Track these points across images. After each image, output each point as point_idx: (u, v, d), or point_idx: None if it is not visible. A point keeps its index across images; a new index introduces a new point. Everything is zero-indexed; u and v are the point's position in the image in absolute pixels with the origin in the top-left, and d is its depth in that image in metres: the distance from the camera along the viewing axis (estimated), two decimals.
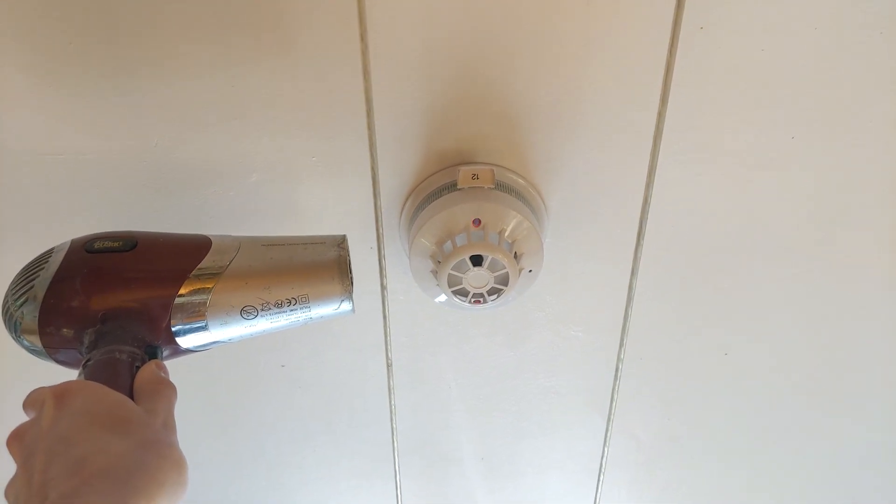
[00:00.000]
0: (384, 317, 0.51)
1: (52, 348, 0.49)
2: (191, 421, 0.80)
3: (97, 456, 0.36)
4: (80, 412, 0.38)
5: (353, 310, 0.53)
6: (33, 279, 0.48)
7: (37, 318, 0.47)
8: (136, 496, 0.35)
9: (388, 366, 0.53)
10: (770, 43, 0.57)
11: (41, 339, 0.48)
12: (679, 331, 0.75)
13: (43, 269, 0.49)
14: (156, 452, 0.38)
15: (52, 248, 0.51)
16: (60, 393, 0.39)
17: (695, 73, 0.59)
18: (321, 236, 0.54)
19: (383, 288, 0.49)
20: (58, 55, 0.58)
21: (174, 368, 0.48)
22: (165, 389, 0.44)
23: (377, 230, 0.46)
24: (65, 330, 0.48)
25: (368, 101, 0.42)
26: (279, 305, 0.51)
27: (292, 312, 0.52)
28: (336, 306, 0.53)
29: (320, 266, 0.52)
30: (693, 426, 0.84)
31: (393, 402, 0.53)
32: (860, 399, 0.81)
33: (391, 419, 0.55)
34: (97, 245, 0.50)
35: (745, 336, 0.76)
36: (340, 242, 0.53)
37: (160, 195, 0.65)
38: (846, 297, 0.72)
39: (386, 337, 0.52)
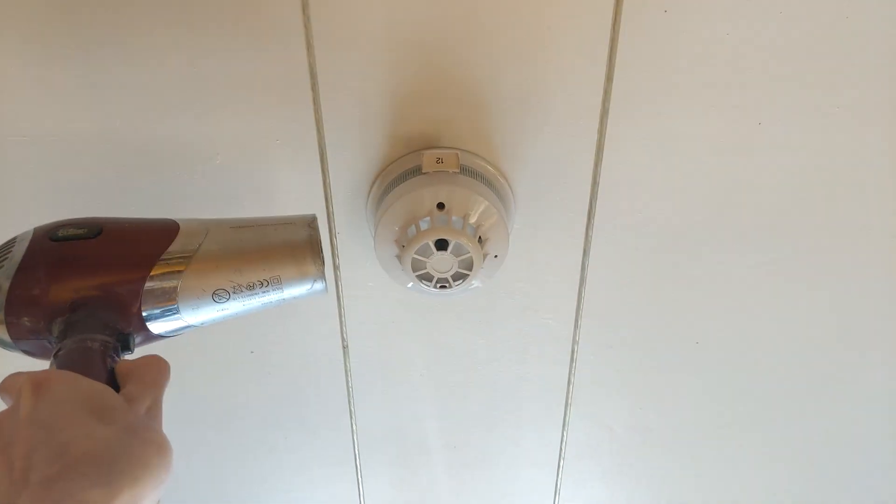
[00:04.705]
0: (338, 297, 0.51)
1: (18, 339, 0.48)
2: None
3: (81, 441, 0.35)
4: (60, 400, 0.37)
5: (325, 289, 0.53)
6: None
7: (2, 310, 0.47)
8: (120, 480, 0.34)
9: (345, 347, 0.53)
10: (735, 26, 0.57)
11: (7, 330, 0.47)
12: (649, 320, 0.75)
13: (7, 259, 0.48)
14: (140, 437, 0.37)
15: (14, 238, 0.50)
16: (38, 382, 0.38)
17: (659, 55, 0.58)
18: (290, 216, 0.54)
19: (336, 268, 0.49)
20: (17, 35, 0.57)
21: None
22: (151, 372, 0.43)
23: (327, 208, 0.46)
24: (32, 320, 0.47)
25: (313, 76, 0.41)
26: (251, 287, 0.51)
27: (265, 294, 0.51)
28: (309, 286, 0.52)
29: (292, 246, 0.52)
30: (665, 416, 0.84)
31: (350, 385, 0.53)
32: (834, 387, 0.81)
33: (349, 402, 0.55)
34: (61, 233, 0.49)
35: (716, 325, 0.76)
36: (310, 222, 0.53)
37: (123, 178, 0.64)
38: (817, 284, 0.72)
39: (340, 318, 0.52)
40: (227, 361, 0.77)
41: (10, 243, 0.49)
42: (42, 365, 0.47)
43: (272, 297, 0.52)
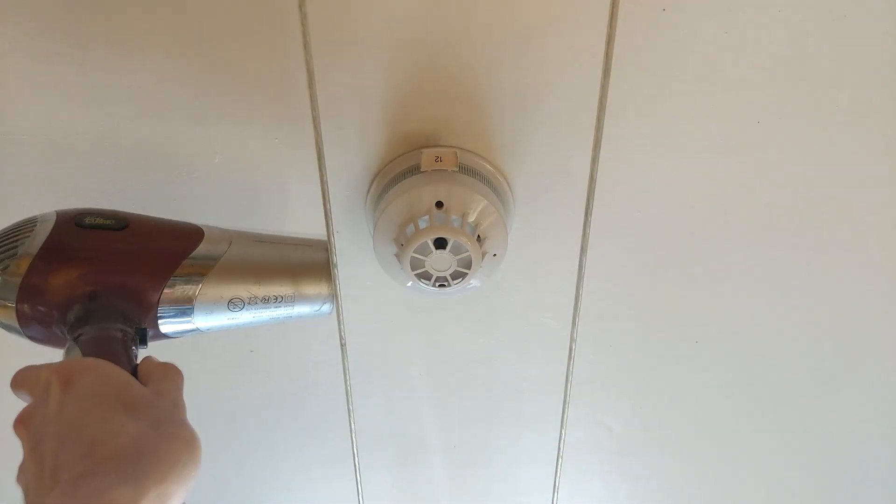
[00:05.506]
0: (336, 295, 0.51)
1: (27, 323, 0.48)
2: None
3: (109, 438, 0.35)
4: (88, 394, 0.37)
5: (331, 311, 0.56)
6: (15, 246, 0.47)
7: (16, 292, 0.46)
8: (148, 477, 0.34)
9: (342, 345, 0.53)
10: (733, 25, 0.57)
11: (17, 314, 0.47)
12: (649, 318, 0.75)
13: (27, 237, 0.47)
14: (167, 433, 0.37)
15: (34, 218, 0.49)
16: (67, 375, 0.38)
17: (658, 54, 0.58)
18: (308, 238, 0.57)
19: (333, 265, 0.49)
20: (16, 34, 0.57)
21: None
22: (173, 372, 0.44)
23: (324, 206, 0.46)
24: (47, 306, 0.47)
25: (310, 74, 0.41)
26: (266, 300, 0.53)
27: (277, 308, 0.53)
28: (318, 307, 0.55)
29: (310, 267, 0.54)
30: (665, 415, 0.84)
31: (348, 383, 0.53)
32: (835, 386, 0.81)
33: (347, 401, 0.55)
34: (88, 220, 0.49)
35: (716, 324, 0.76)
36: (327, 245, 0.56)
37: (122, 177, 0.64)
38: (816, 282, 0.72)
39: (338, 316, 0.52)
40: (226, 361, 0.77)
41: (31, 222, 0.49)
42: (48, 351, 0.47)
43: (282, 311, 0.54)
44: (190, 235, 0.52)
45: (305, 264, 0.54)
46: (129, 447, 0.35)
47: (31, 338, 0.49)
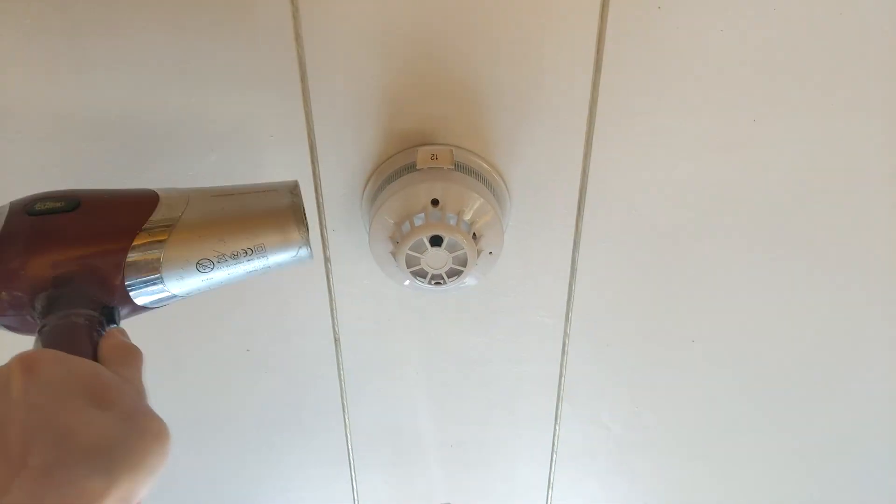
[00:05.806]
0: (329, 290, 0.51)
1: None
2: (154, 406, 0.80)
3: (83, 428, 0.35)
4: (54, 382, 0.37)
5: (310, 255, 0.53)
6: None
7: None
8: (120, 469, 0.34)
9: (336, 340, 0.52)
10: (728, 23, 0.57)
11: None
12: (646, 317, 0.75)
13: None
14: (137, 424, 0.37)
15: None
16: (28, 362, 0.38)
17: (653, 52, 0.58)
18: (272, 183, 0.53)
19: (326, 260, 0.49)
20: (13, 31, 0.57)
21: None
22: (135, 355, 0.43)
23: (317, 201, 0.46)
24: (12, 296, 0.46)
25: (302, 69, 0.41)
26: (235, 256, 0.50)
27: (249, 262, 0.51)
28: (294, 253, 0.52)
29: (275, 214, 0.51)
30: (663, 415, 0.83)
31: (342, 378, 0.53)
32: (831, 387, 0.81)
33: (341, 397, 0.55)
34: (38, 206, 0.48)
35: (712, 323, 0.76)
36: (293, 189, 0.52)
37: (118, 176, 0.64)
38: (812, 281, 0.72)
39: (332, 311, 0.52)
40: (223, 361, 0.77)
41: None
42: (24, 340, 0.47)
43: (257, 264, 0.51)
44: (144, 202, 0.50)
45: (269, 212, 0.51)
46: (101, 439, 0.35)
47: (7, 327, 0.48)
